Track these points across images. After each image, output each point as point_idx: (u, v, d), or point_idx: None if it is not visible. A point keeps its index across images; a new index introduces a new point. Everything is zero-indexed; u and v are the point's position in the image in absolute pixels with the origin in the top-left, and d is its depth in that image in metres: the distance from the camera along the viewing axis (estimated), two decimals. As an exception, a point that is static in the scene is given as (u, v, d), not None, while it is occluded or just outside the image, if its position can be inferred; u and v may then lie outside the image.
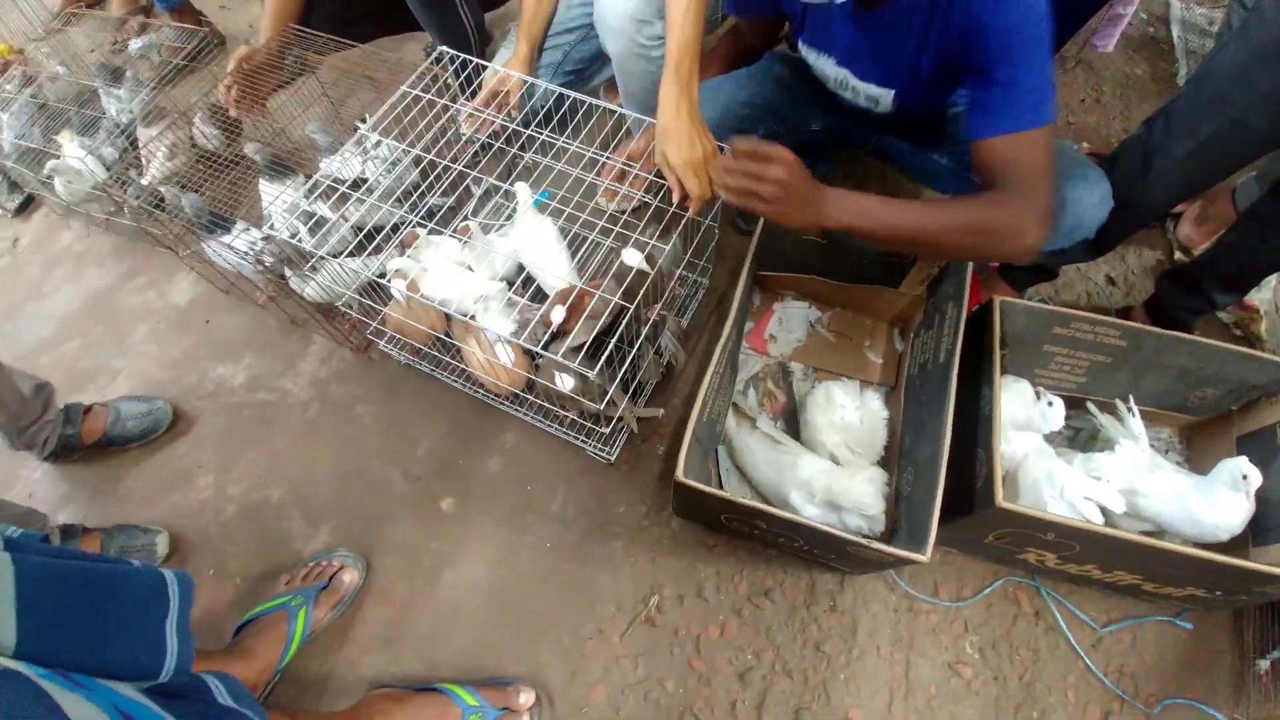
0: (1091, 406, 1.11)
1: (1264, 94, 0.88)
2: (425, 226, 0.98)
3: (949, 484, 0.83)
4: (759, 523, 0.90)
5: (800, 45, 1.09)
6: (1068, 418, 1.13)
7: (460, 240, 1.06)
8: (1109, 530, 0.85)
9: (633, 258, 0.92)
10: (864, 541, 0.79)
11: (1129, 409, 1.06)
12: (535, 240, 1.06)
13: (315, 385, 1.27)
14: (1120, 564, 0.93)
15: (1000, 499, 0.84)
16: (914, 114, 1.06)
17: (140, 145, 1.43)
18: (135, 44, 1.88)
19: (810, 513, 0.95)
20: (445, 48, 1.13)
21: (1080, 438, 1.16)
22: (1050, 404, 1.00)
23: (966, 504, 0.91)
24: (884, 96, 1.00)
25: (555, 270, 1.05)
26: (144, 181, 1.33)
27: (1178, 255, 1.43)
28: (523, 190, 1.04)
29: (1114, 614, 1.04)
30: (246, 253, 1.10)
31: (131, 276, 1.44)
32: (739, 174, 0.81)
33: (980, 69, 0.82)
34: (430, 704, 0.90)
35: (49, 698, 0.48)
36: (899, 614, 1.04)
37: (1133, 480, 0.98)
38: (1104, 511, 0.96)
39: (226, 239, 1.15)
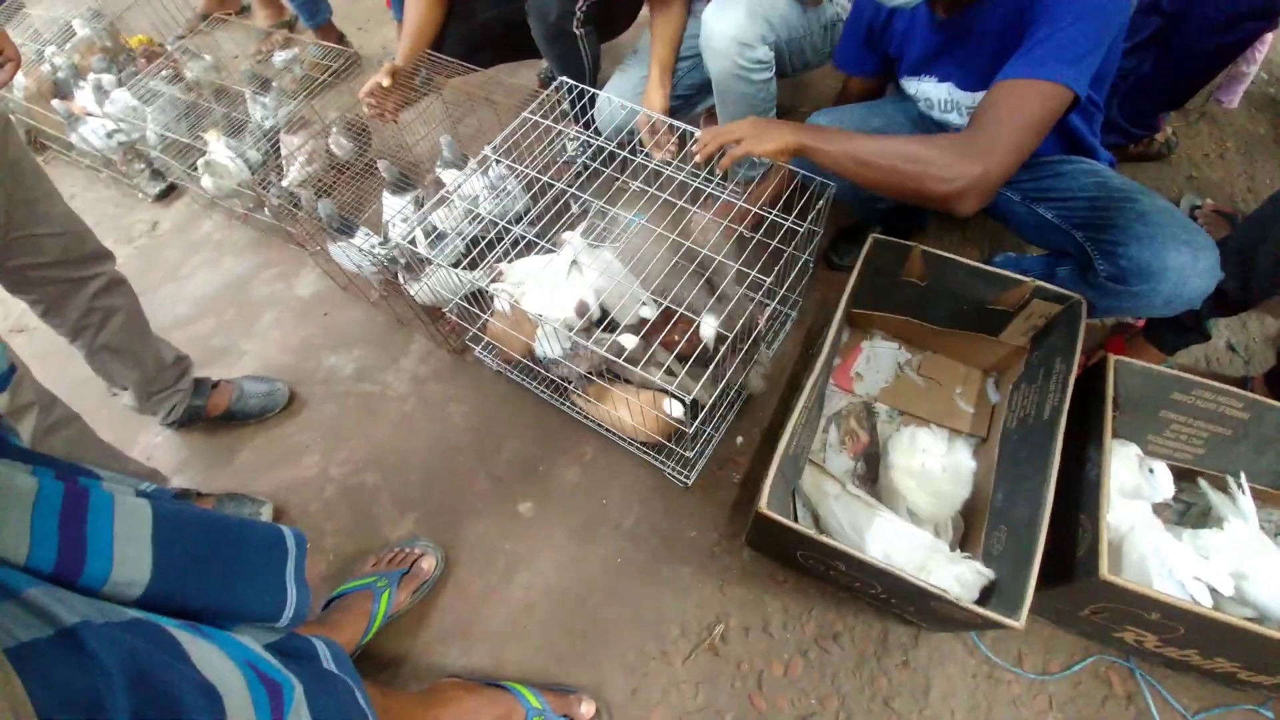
0: (1203, 481, 1.04)
1: None
2: (535, 244, 1.03)
3: (1046, 548, 0.79)
4: (837, 564, 0.89)
5: (903, 82, 1.11)
6: (1180, 491, 1.05)
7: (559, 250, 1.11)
8: (1225, 616, 0.79)
9: (709, 327, 0.93)
10: (953, 599, 0.76)
11: (1239, 485, 0.98)
12: (604, 273, 1.09)
13: (414, 382, 1.35)
14: (1223, 650, 0.87)
15: (1105, 571, 0.80)
16: None
17: (283, 151, 1.58)
18: (280, 56, 2.07)
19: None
20: (564, 78, 1.19)
21: (1192, 513, 1.08)
22: (1151, 470, 0.93)
23: (1064, 572, 0.87)
24: None
25: (630, 297, 1.07)
26: (284, 184, 1.47)
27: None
28: (573, 238, 1.08)
29: (1204, 701, 0.96)
30: (372, 255, 1.19)
31: (264, 268, 1.58)
32: (706, 140, 0.96)
33: (1031, 27, 0.84)
34: (498, 700, 0.94)
35: (179, 646, 0.50)
36: (977, 680, 0.99)
37: (1241, 562, 0.92)
38: (1211, 593, 0.89)
39: (354, 242, 1.26)
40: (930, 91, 1.07)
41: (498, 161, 1.11)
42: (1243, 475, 0.99)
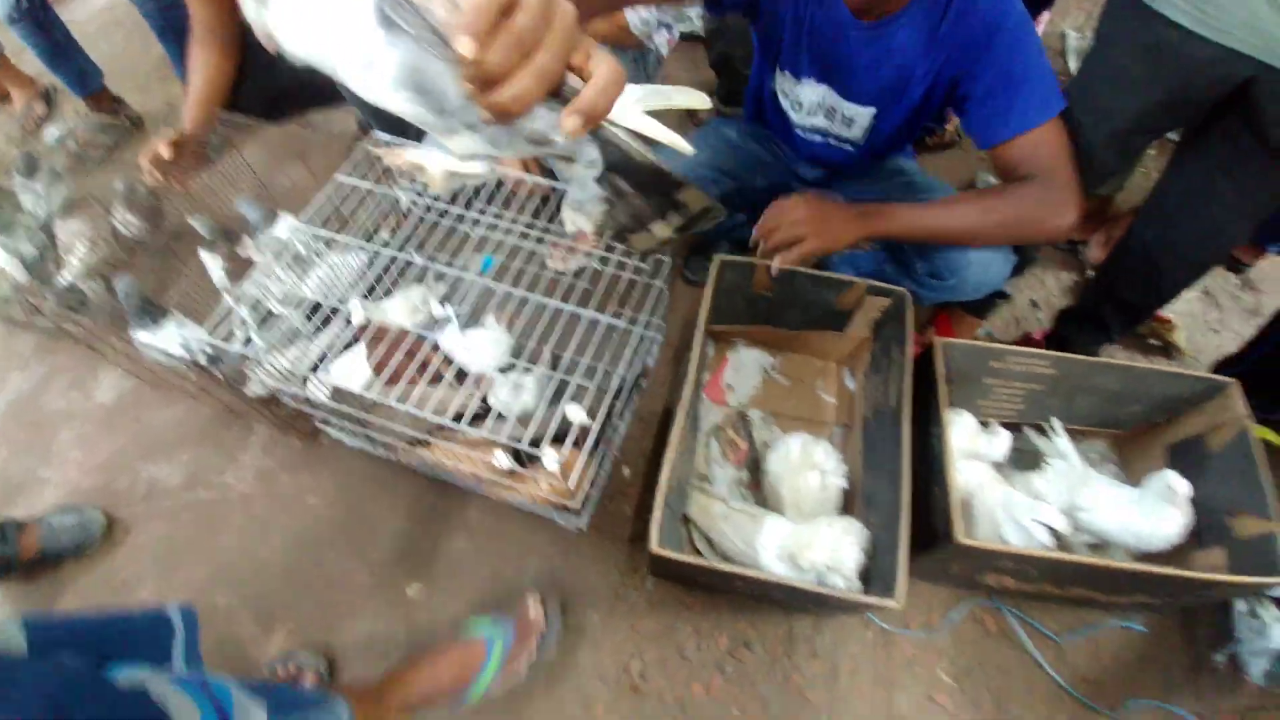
0: (1027, 430, 1.18)
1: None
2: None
3: (912, 521, 0.86)
4: (736, 582, 0.91)
5: (777, 75, 1.07)
6: (1013, 443, 1.19)
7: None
8: (1058, 554, 0.90)
9: (575, 414, 0.90)
10: (839, 594, 0.80)
11: (1053, 429, 1.12)
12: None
13: (260, 478, 1.21)
14: (1072, 581, 0.98)
15: (960, 535, 0.88)
16: (869, 158, 1.12)
17: (59, 240, 1.36)
18: (50, 132, 1.78)
19: (783, 570, 0.96)
20: (380, 134, 1.12)
21: (1024, 459, 1.22)
22: (994, 433, 1.05)
23: (929, 539, 0.94)
24: (862, 116, 1.02)
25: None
26: (65, 277, 1.26)
27: (1090, 275, 1.54)
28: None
29: (1073, 624, 1.08)
30: (182, 358, 1.05)
31: (54, 377, 1.34)
32: (767, 230, 0.93)
33: (983, 72, 0.86)
34: (458, 647, 0.96)
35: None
36: (876, 650, 1.06)
37: (1071, 496, 1.04)
38: (1053, 531, 0.99)
39: (158, 333, 1.10)
40: (806, 94, 1.04)
41: (316, 238, 1.02)
42: (1055, 420, 1.13)
